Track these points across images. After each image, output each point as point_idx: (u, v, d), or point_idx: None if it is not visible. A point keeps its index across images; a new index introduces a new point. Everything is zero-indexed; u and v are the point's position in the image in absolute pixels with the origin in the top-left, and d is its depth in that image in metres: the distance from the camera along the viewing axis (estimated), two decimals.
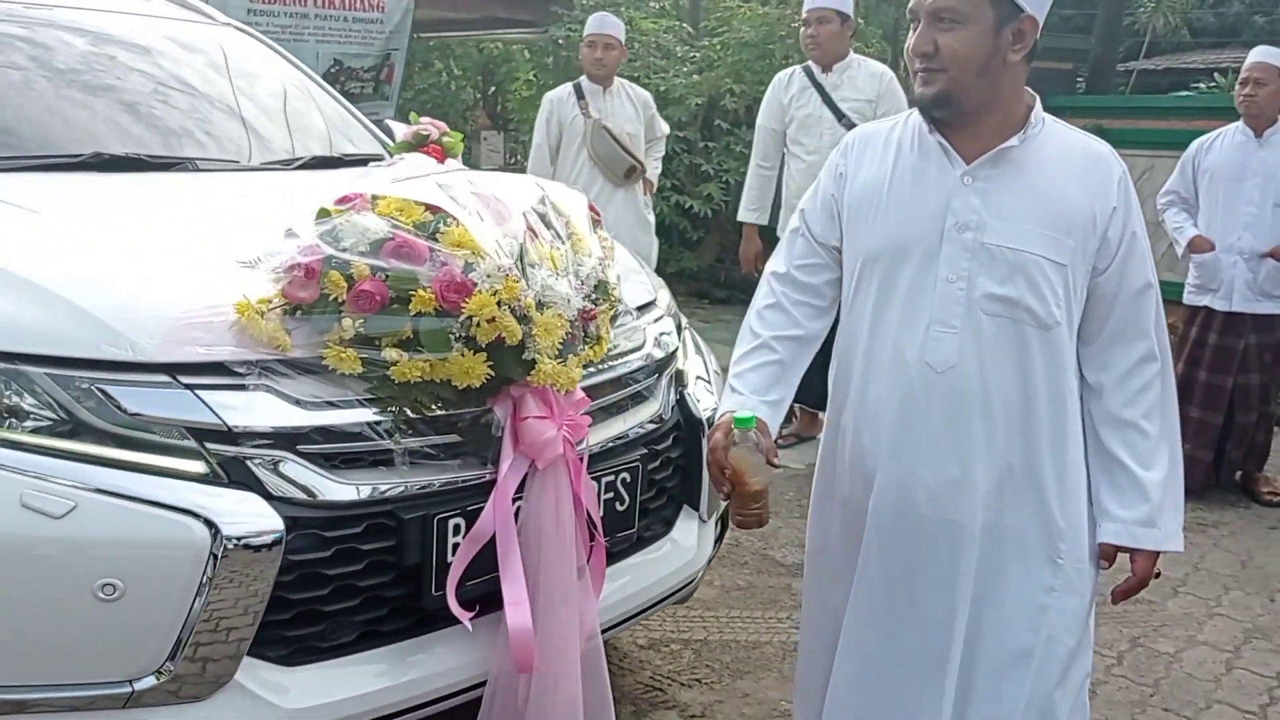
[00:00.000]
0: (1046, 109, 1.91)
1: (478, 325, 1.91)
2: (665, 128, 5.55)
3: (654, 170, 5.41)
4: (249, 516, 1.76)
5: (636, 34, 10.26)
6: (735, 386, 2.01)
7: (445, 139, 3.33)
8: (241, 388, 1.84)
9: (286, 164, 3.09)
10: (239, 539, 1.74)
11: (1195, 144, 4.60)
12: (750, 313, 2.08)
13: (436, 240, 1.94)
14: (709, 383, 2.67)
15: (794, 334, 2.02)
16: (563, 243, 2.10)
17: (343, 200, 1.99)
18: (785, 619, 3.44)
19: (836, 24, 4.64)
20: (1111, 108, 7.96)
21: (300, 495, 1.83)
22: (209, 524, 1.72)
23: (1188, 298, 4.57)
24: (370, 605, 1.95)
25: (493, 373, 1.95)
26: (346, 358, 1.87)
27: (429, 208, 1.99)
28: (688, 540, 2.55)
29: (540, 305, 1.98)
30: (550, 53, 10.37)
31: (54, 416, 1.76)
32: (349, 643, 1.95)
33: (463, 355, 1.92)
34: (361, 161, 3.31)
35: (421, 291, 1.89)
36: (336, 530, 1.87)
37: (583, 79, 5.22)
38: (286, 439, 1.84)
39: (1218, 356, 4.46)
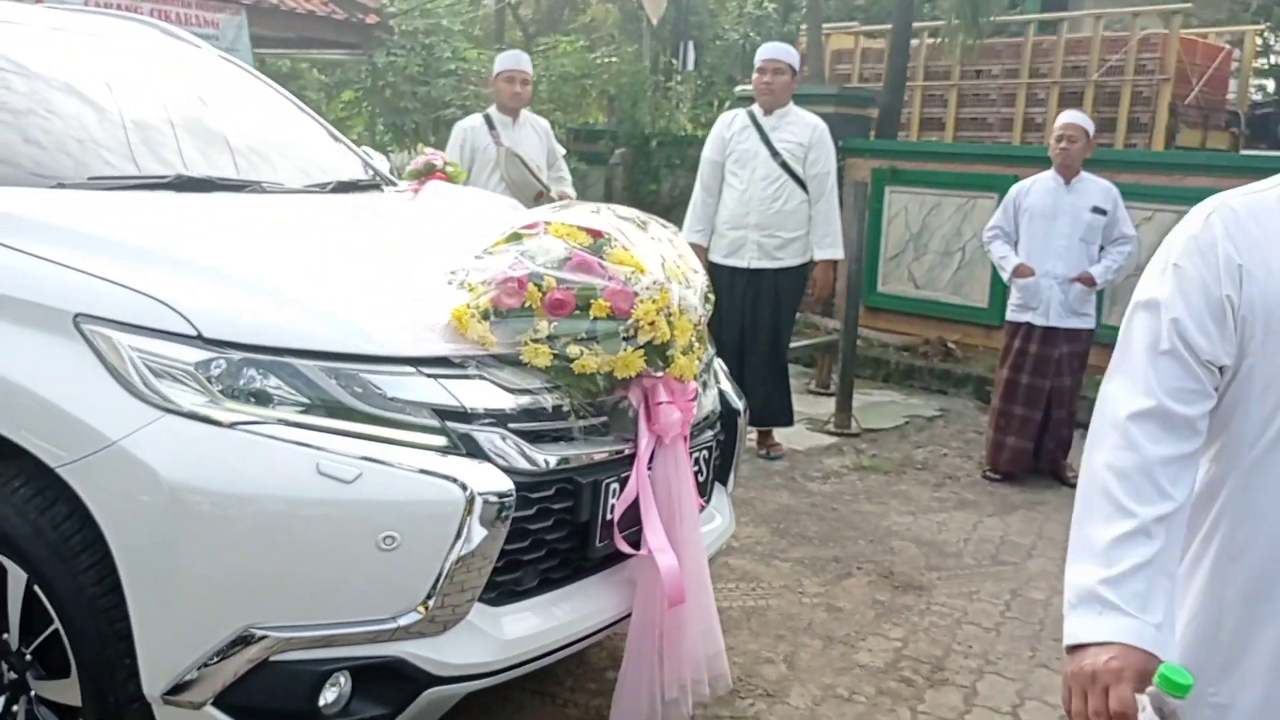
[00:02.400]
0: (849, 152, 1.94)
1: (640, 327, 2.39)
2: (562, 149, 6.05)
3: (568, 185, 5.89)
4: (490, 480, 2.17)
5: (461, 62, 10.68)
6: (1115, 601, 1.42)
7: (449, 167, 3.75)
8: (466, 377, 2.25)
9: (322, 187, 3.40)
10: (486, 498, 2.14)
11: (1015, 188, 5.57)
12: (1099, 466, 1.51)
13: (604, 259, 2.41)
14: (729, 378, 3.23)
15: (1168, 509, 1.46)
16: (680, 261, 2.61)
17: (529, 226, 2.42)
18: None
19: (788, 75, 5.33)
20: (903, 151, 9.06)
21: (515, 464, 2.25)
22: (464, 487, 2.12)
23: (1012, 314, 5.52)
24: (551, 555, 2.39)
25: (645, 365, 2.43)
26: (541, 353, 2.32)
27: (590, 231, 2.45)
28: (724, 509, 3.10)
29: (680, 311, 2.49)
30: (372, 75, 10.59)
31: (323, 400, 2.11)
32: (532, 587, 2.38)
33: (625, 352, 2.39)
34: (374, 185, 3.66)
35: (600, 300, 2.36)
36: (538, 493, 2.30)
37: (492, 109, 5.63)
38: (502, 418, 2.27)
39: (1038, 364, 5.42)
